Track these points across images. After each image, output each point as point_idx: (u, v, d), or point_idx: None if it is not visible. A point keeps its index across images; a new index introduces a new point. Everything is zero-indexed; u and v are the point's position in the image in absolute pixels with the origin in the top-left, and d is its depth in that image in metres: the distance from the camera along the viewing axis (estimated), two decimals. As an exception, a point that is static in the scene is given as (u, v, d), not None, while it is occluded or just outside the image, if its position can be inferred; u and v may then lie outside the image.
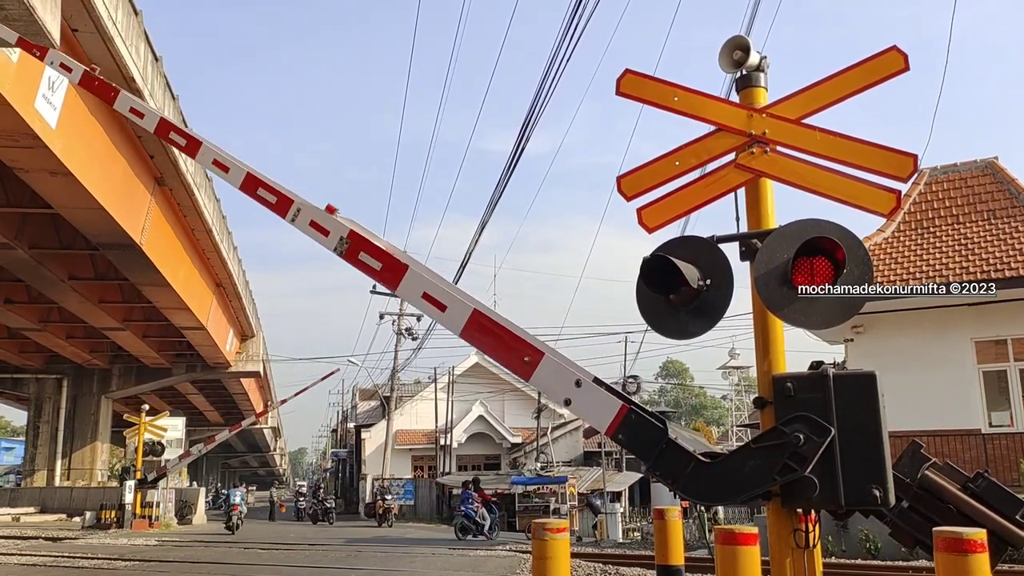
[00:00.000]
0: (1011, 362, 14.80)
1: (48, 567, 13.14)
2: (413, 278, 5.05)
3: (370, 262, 5.19)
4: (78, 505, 29.88)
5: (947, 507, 4.09)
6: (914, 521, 4.14)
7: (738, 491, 3.98)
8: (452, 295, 4.92)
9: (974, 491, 4.13)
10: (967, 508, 4.05)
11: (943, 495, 4.11)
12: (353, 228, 5.32)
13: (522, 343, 4.65)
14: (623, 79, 4.95)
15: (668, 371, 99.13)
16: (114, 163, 17.21)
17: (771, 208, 4.61)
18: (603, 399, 4.40)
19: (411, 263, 5.13)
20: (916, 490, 4.14)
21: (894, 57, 4.36)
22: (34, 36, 10.11)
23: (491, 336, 4.75)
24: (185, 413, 43.87)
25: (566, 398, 4.49)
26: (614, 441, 4.53)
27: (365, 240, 5.27)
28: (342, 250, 5.27)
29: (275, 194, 5.69)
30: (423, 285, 5.01)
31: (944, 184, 16.88)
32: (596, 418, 4.44)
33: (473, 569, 12.54)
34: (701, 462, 4.10)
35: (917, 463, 4.19)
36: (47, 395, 36.39)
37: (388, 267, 5.13)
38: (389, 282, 5.15)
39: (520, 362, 4.61)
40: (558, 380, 4.54)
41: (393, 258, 5.15)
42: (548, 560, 5.72)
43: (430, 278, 5.09)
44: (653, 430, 4.25)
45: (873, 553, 13.30)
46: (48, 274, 22.72)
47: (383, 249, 5.21)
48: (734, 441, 66.20)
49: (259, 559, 14.64)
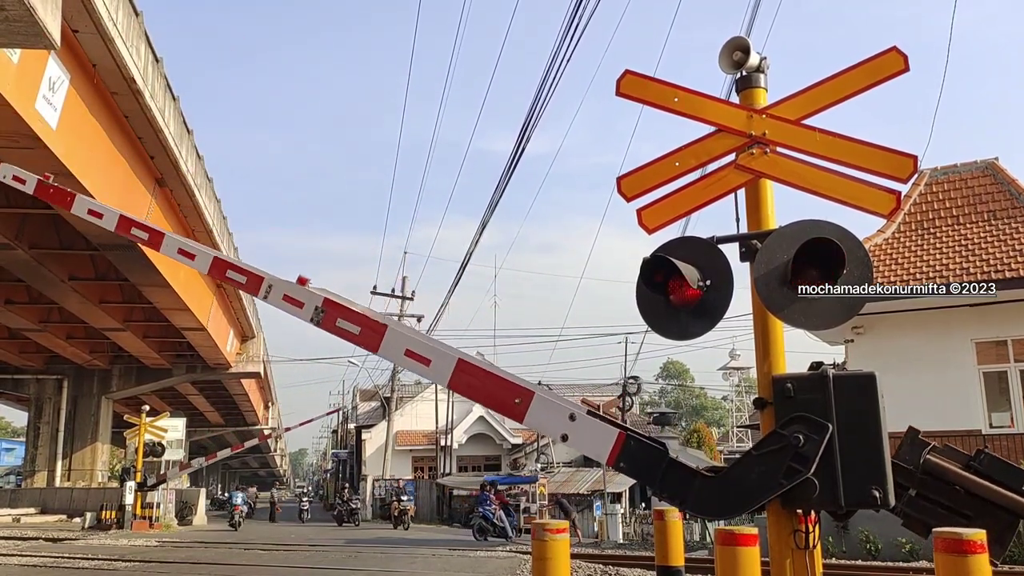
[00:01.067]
0: (1011, 363, 14.79)
1: (48, 568, 13.13)
2: (394, 337, 5.04)
3: (348, 327, 5.18)
4: (78, 506, 29.87)
5: (954, 488, 4.08)
6: (924, 508, 4.13)
7: (748, 501, 3.97)
8: (435, 348, 4.95)
9: (977, 468, 4.12)
10: (974, 486, 4.04)
11: (948, 477, 4.10)
12: (327, 296, 5.33)
13: (511, 385, 4.67)
14: (623, 80, 4.96)
15: (669, 372, 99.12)
16: (115, 164, 17.22)
17: (771, 209, 4.61)
18: (600, 430, 4.40)
19: (389, 323, 5.14)
20: (920, 476, 4.12)
21: (894, 58, 4.36)
22: (35, 37, 10.12)
23: (479, 382, 4.78)
24: (185, 414, 43.84)
25: (562, 434, 4.48)
26: (616, 470, 4.54)
27: (340, 307, 5.28)
28: (318, 320, 5.26)
29: (245, 274, 5.72)
30: (404, 343, 5.01)
31: (944, 185, 16.87)
32: (595, 449, 4.43)
33: (473, 570, 12.54)
34: (706, 477, 4.10)
35: (917, 449, 4.18)
36: (47, 396, 36.40)
37: (367, 330, 5.11)
38: (370, 344, 5.12)
39: (512, 404, 4.61)
40: (552, 417, 4.54)
41: (371, 320, 5.16)
42: (548, 561, 5.72)
43: (410, 335, 5.13)
44: (653, 453, 4.25)
45: (873, 554, 13.30)
46: (48, 274, 22.74)
47: (360, 313, 5.23)
48: (734, 442, 66.25)
49: (260, 560, 14.64)
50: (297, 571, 12.82)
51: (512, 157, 14.77)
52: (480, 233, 19.74)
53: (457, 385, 4.82)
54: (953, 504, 4.05)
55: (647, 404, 75.36)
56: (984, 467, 4.12)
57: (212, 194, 24.75)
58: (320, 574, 12.64)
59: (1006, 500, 3.98)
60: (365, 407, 53.74)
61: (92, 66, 14.69)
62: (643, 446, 4.29)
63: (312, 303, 5.32)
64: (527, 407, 4.54)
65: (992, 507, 3.98)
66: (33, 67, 12.63)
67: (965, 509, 4.03)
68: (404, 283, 37.97)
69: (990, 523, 3.94)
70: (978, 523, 3.92)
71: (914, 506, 4.14)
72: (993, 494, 4.00)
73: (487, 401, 4.88)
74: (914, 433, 4.22)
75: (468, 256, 22.27)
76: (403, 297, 37.57)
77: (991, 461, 4.14)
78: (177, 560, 14.49)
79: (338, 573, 12.54)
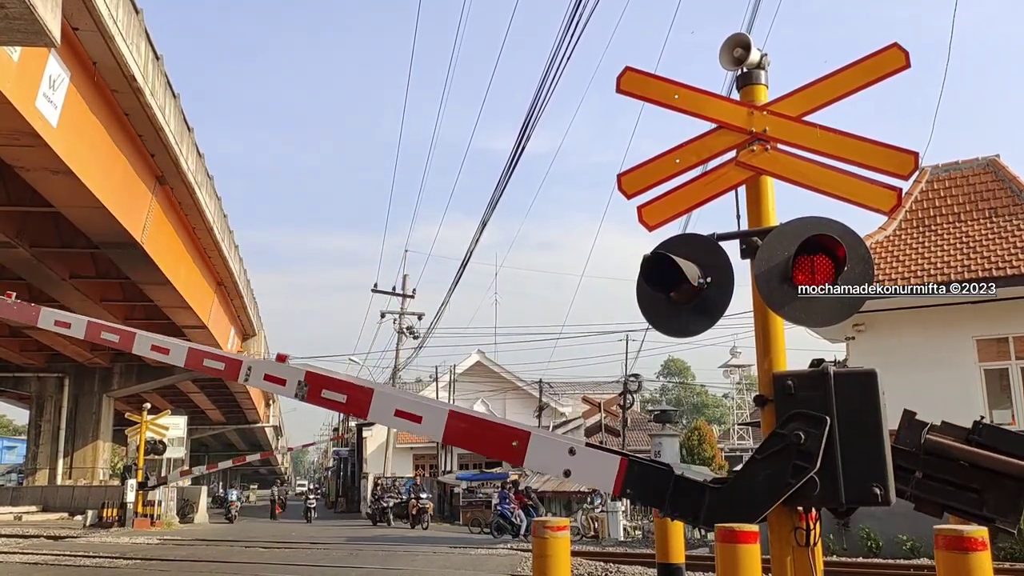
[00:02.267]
0: (1012, 360, 14.78)
1: (50, 565, 13.14)
2: (381, 399, 5.02)
3: (334, 397, 5.17)
4: (80, 504, 29.90)
5: (959, 464, 4.06)
6: (933, 488, 4.11)
7: (761, 506, 3.95)
8: (424, 404, 4.96)
9: (979, 440, 4.11)
10: (978, 459, 4.02)
11: (951, 453, 4.08)
12: (308, 370, 5.31)
13: (506, 429, 4.67)
14: (623, 77, 4.94)
15: (669, 369, 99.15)
16: (115, 162, 17.22)
17: (772, 206, 4.60)
18: (601, 460, 4.40)
19: (375, 386, 5.13)
20: (924, 457, 4.11)
21: (895, 54, 4.35)
22: (35, 35, 10.10)
23: (474, 431, 4.79)
24: (187, 412, 43.89)
25: (565, 469, 4.46)
26: (624, 498, 4.53)
27: (324, 377, 5.27)
28: (303, 394, 5.23)
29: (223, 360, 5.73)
30: (393, 403, 4.99)
31: (945, 182, 16.85)
32: (600, 480, 4.42)
33: (474, 568, 12.54)
34: (715, 490, 4.09)
35: (916, 430, 4.17)
36: (49, 394, 36.43)
37: (353, 397, 5.09)
38: (359, 410, 5.09)
39: (510, 448, 4.60)
40: (552, 454, 4.52)
41: (356, 386, 5.14)
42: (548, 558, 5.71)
43: (398, 395, 5.13)
44: (658, 474, 4.25)
45: (875, 551, 13.30)
46: (49, 273, 22.75)
47: (344, 381, 5.23)
48: (735, 439, 66.25)
49: (261, 558, 14.65)
50: (298, 569, 12.83)
51: (512, 155, 14.77)
52: (480, 231, 19.76)
53: (452, 437, 4.80)
54: (960, 480, 4.04)
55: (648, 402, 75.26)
56: (985, 438, 4.10)
57: (213, 192, 24.74)
58: (320, 571, 12.64)
59: (1012, 467, 3.96)
60: (366, 405, 53.72)
61: (92, 64, 14.68)
62: (647, 469, 4.28)
63: (294, 378, 5.29)
64: (525, 448, 4.53)
65: (999, 477, 3.96)
66: (33, 65, 12.63)
67: (973, 483, 4.01)
68: (405, 281, 38.00)
69: (1000, 493, 3.92)
70: (988, 494, 3.91)
71: (923, 487, 4.12)
72: (998, 463, 3.98)
73: (484, 449, 4.89)
74: (910, 415, 4.21)
75: (469, 254, 22.32)
76: (404, 295, 37.59)
77: (990, 431, 4.13)
78: (178, 558, 14.50)
79: (338, 571, 12.55)
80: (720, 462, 47.12)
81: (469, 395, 42.52)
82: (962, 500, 4.03)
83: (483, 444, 4.80)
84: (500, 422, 4.74)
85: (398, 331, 37.99)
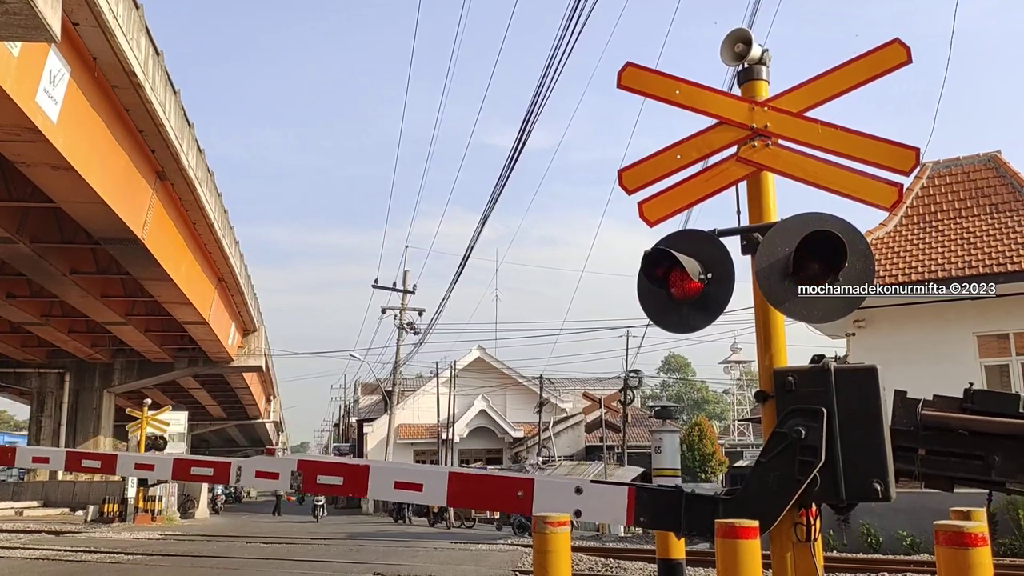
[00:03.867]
0: (1013, 356, 14.78)
1: (51, 560, 13.17)
2: (379, 474, 4.99)
3: (331, 481, 5.14)
4: (81, 499, 29.96)
5: (959, 434, 4.05)
6: (938, 462, 4.10)
7: (774, 509, 3.94)
8: (422, 471, 4.94)
9: (973, 408, 4.10)
10: (976, 425, 4.00)
11: (949, 425, 4.07)
12: (300, 459, 5.33)
13: (508, 481, 4.65)
14: (624, 72, 4.94)
15: (670, 366, 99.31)
16: (116, 157, 17.21)
17: (773, 202, 4.60)
18: (609, 493, 4.37)
19: (371, 463, 5.12)
20: (923, 433, 4.10)
21: (896, 50, 4.34)
22: (35, 30, 10.09)
23: (476, 488, 4.77)
24: (188, 407, 43.92)
25: (576, 510, 4.41)
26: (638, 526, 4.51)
27: (316, 463, 5.26)
28: (298, 484, 5.21)
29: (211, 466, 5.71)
30: (392, 475, 4.97)
31: (947, 178, 16.84)
32: (611, 514, 4.37)
33: (475, 563, 12.56)
34: (728, 501, 4.08)
35: (910, 408, 4.16)
36: (49, 389, 36.48)
37: (350, 476, 5.06)
38: (357, 488, 5.05)
39: (515, 499, 4.55)
40: (559, 497, 4.48)
41: (351, 466, 5.12)
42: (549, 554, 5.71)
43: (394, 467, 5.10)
44: (668, 496, 4.24)
45: (875, 547, 13.31)
46: (50, 268, 22.75)
47: (338, 463, 5.21)
48: (736, 435, 66.37)
49: (262, 553, 14.68)
50: (299, 564, 12.85)
51: (513, 151, 14.74)
52: (481, 227, 19.73)
53: (456, 498, 4.74)
54: (963, 449, 4.02)
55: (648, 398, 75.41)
56: (978, 404, 4.09)
57: (213, 188, 24.73)
58: (321, 567, 12.66)
59: (1010, 427, 3.96)
60: (367, 400, 53.80)
61: (93, 59, 14.66)
62: (656, 494, 4.27)
63: (287, 470, 5.27)
64: (531, 496, 4.48)
65: (1000, 439, 3.96)
66: (34, 60, 12.61)
67: (976, 450, 4.00)
68: (405, 277, 37.98)
69: (1004, 455, 3.92)
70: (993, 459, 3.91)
71: (929, 464, 4.11)
72: (996, 426, 3.97)
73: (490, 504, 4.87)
74: (902, 395, 4.20)
75: (469, 250, 22.27)
76: (404, 291, 37.59)
77: (983, 396, 4.12)
78: (179, 553, 14.53)
79: (339, 566, 12.57)
80: (720, 458, 47.17)
81: (469, 391, 42.54)
82: (969, 469, 4.02)
83: (488, 499, 4.77)
84: (501, 474, 4.74)
85: (399, 327, 38.00)
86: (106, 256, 23.32)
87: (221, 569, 12.29)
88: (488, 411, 42.84)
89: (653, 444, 10.19)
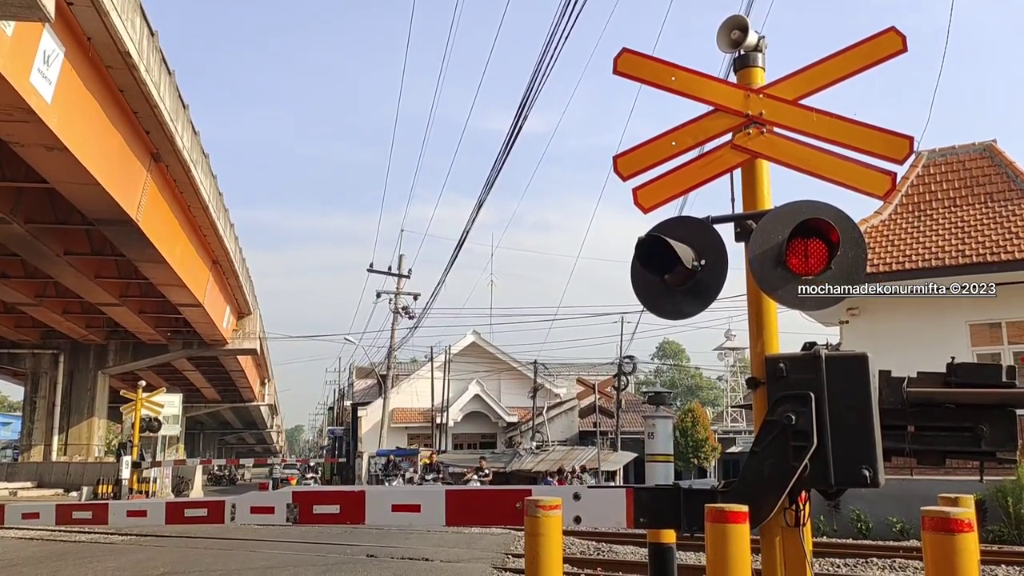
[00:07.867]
0: (1005, 345, 14.86)
1: (45, 541, 13.21)
2: (376, 498, 5.00)
3: (327, 510, 5.14)
4: (75, 480, 30.04)
5: (945, 408, 4.10)
6: (927, 438, 4.15)
7: (772, 498, 3.97)
8: (418, 491, 4.97)
9: (957, 381, 4.15)
10: (961, 397, 4.05)
11: (935, 399, 4.11)
12: (294, 491, 5.34)
13: (505, 494, 4.65)
14: (620, 58, 4.92)
15: (664, 352, 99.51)
16: (110, 138, 17.13)
17: (767, 189, 4.60)
18: (607, 497, 4.39)
19: (365, 488, 5.14)
20: (911, 410, 4.14)
21: (892, 38, 4.33)
22: (29, 9, 10.03)
23: (474, 504, 4.78)
24: (182, 390, 43.99)
25: (575, 516, 4.43)
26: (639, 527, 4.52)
27: (311, 494, 5.31)
28: (294, 516, 5.21)
29: (204, 506, 5.70)
30: (389, 498, 5.00)
31: (942, 167, 16.85)
32: (611, 518, 4.37)
33: (468, 545, 12.64)
34: (726, 492, 4.11)
35: (895, 387, 4.19)
36: (43, 370, 36.46)
37: (347, 503, 5.05)
38: (355, 516, 5.04)
39: (514, 511, 4.55)
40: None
41: (347, 493, 5.13)
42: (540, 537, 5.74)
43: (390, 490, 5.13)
44: (666, 495, 4.26)
45: (864, 533, 13.42)
46: (44, 249, 22.70)
47: (333, 491, 5.24)
48: (729, 422, 66.64)
49: (256, 534, 14.74)
50: (292, 544, 12.92)
51: (509, 135, 14.71)
52: (477, 211, 19.71)
53: (455, 517, 4.74)
54: (951, 423, 4.08)
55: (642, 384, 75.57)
56: (962, 376, 4.14)
57: (208, 170, 24.64)
58: (315, 548, 12.73)
59: (992, 397, 4.01)
60: (361, 384, 53.85)
61: (87, 39, 14.57)
62: (654, 493, 4.29)
63: (282, 503, 5.27)
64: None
65: (986, 409, 4.01)
66: (27, 40, 12.53)
67: (964, 423, 4.05)
68: (401, 261, 37.95)
69: (991, 424, 3.98)
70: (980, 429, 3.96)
71: (919, 440, 4.16)
72: (979, 396, 4.03)
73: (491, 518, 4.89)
74: (886, 374, 4.23)
75: (465, 234, 22.29)
76: (399, 275, 37.55)
77: (965, 369, 4.16)
78: (174, 534, 14.57)
79: (332, 547, 12.64)
80: (713, 444, 47.34)
81: (464, 376, 42.60)
82: (958, 441, 4.07)
83: (487, 513, 4.79)
84: (497, 488, 4.78)
85: (394, 311, 38.00)
86: (100, 237, 23.26)
87: (215, 550, 12.36)
88: (482, 396, 42.92)
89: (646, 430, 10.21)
